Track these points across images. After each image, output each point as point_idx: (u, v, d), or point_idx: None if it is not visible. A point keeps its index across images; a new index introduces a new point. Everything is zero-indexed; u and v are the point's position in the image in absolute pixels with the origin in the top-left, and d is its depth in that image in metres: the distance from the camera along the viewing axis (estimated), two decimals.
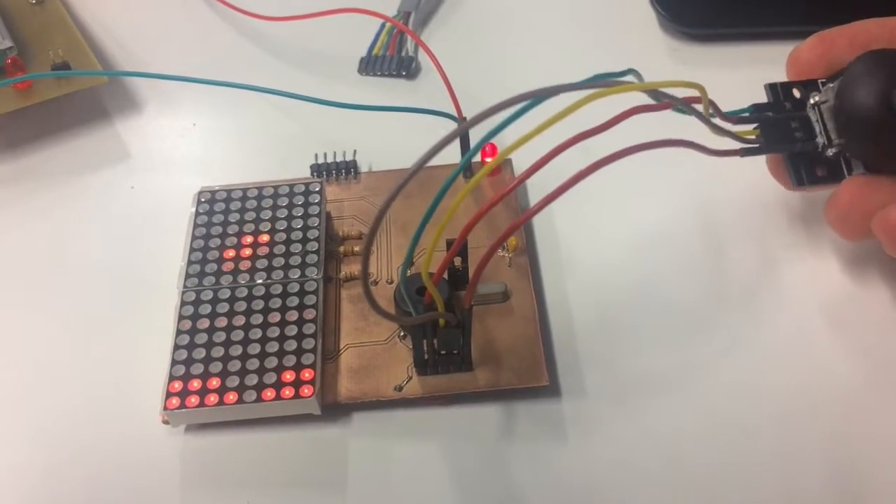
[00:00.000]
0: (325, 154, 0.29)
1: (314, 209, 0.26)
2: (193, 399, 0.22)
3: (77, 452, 0.23)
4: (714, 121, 0.22)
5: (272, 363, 0.22)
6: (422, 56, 0.33)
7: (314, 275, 0.24)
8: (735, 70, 0.30)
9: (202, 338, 0.23)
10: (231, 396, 0.22)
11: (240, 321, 0.23)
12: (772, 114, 0.24)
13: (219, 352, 0.23)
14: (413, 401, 0.23)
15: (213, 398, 0.22)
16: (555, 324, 0.25)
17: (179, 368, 0.22)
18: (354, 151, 0.29)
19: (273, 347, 0.23)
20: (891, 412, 0.22)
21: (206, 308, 0.24)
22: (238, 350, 0.23)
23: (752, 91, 0.24)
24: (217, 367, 0.22)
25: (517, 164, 0.28)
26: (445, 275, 0.21)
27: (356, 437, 0.23)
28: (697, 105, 0.21)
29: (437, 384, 0.23)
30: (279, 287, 0.24)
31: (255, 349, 0.23)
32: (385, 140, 0.29)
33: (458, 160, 0.27)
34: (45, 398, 0.24)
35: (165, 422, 0.23)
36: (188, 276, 0.24)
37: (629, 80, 0.19)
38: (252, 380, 0.22)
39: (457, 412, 0.23)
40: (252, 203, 0.26)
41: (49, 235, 0.28)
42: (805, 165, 0.24)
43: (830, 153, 0.23)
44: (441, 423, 0.23)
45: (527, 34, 0.34)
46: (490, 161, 0.26)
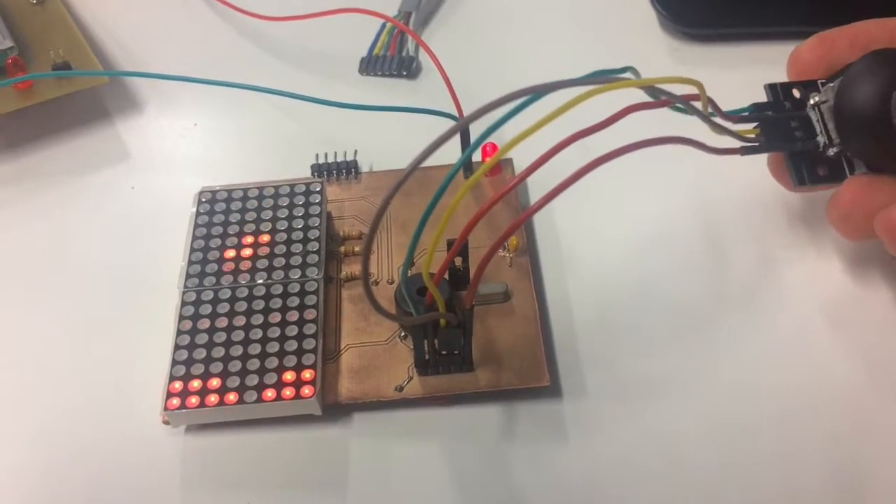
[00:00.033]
0: (326, 154, 0.29)
1: (315, 209, 0.26)
2: (194, 399, 0.22)
3: (77, 452, 0.23)
4: (714, 119, 0.22)
5: (273, 363, 0.22)
6: (422, 56, 0.33)
7: (315, 275, 0.24)
8: (735, 70, 0.30)
9: (203, 338, 0.23)
10: (231, 397, 0.22)
11: (240, 321, 0.23)
12: (772, 113, 0.24)
13: (219, 352, 0.23)
14: (414, 401, 0.23)
15: (214, 398, 0.22)
16: (555, 324, 0.25)
17: (180, 369, 0.22)
18: (355, 151, 0.29)
19: (274, 348, 0.23)
20: (891, 412, 0.22)
21: (207, 308, 0.24)
22: (239, 350, 0.23)
23: (753, 91, 0.24)
24: (217, 368, 0.22)
25: (517, 164, 0.28)
26: (446, 275, 0.21)
27: (357, 438, 0.23)
28: (696, 103, 0.21)
29: (438, 384, 0.23)
30: (280, 287, 0.24)
31: (256, 349, 0.23)
32: (386, 140, 0.29)
33: (457, 159, 0.27)
34: (46, 398, 0.24)
35: (166, 422, 0.23)
36: (189, 276, 0.24)
37: (627, 77, 0.19)
38: (253, 380, 0.22)
39: (457, 412, 0.23)
40: (253, 203, 0.26)
41: (49, 235, 0.28)
42: (806, 165, 0.24)
43: (831, 153, 0.23)
44: (442, 424, 0.23)
45: (527, 34, 0.34)
46: (489, 159, 0.26)
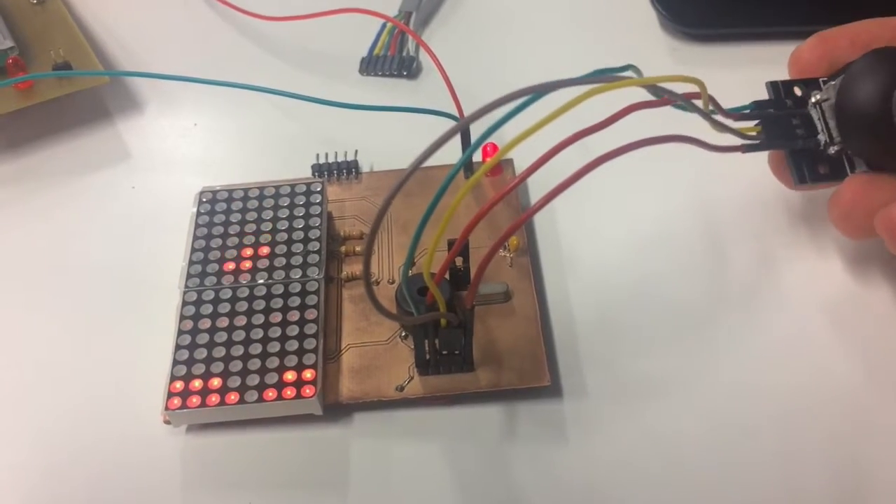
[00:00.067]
0: (327, 154, 0.29)
1: (315, 209, 0.26)
2: (195, 399, 0.22)
3: (77, 452, 0.23)
4: (715, 117, 0.22)
5: (274, 363, 0.22)
6: (423, 56, 0.33)
7: (315, 275, 0.24)
8: (735, 70, 0.30)
9: (203, 338, 0.23)
10: (232, 396, 0.22)
11: (241, 321, 0.23)
12: (773, 110, 0.24)
13: (220, 352, 0.23)
14: (414, 401, 0.23)
15: (215, 398, 0.22)
16: (556, 324, 0.25)
17: (181, 368, 0.22)
18: (356, 151, 0.29)
19: (274, 347, 0.23)
20: (892, 412, 0.22)
21: (208, 308, 0.24)
22: (239, 350, 0.23)
23: (752, 91, 0.24)
24: (218, 367, 0.22)
25: (518, 165, 0.28)
26: (447, 275, 0.21)
27: (357, 438, 0.23)
28: (697, 101, 0.21)
29: (439, 384, 0.23)
30: (281, 287, 0.24)
31: (257, 349, 0.23)
32: (386, 140, 0.29)
33: (458, 159, 0.27)
34: (46, 398, 0.24)
35: (167, 422, 0.23)
36: (189, 276, 0.24)
37: (629, 76, 0.19)
38: (253, 380, 0.22)
39: (458, 412, 0.23)
40: (253, 203, 0.26)
41: (50, 235, 0.28)
42: (807, 163, 0.24)
43: (832, 151, 0.23)
44: (442, 424, 0.23)
45: (527, 34, 0.34)
46: (490, 159, 0.26)
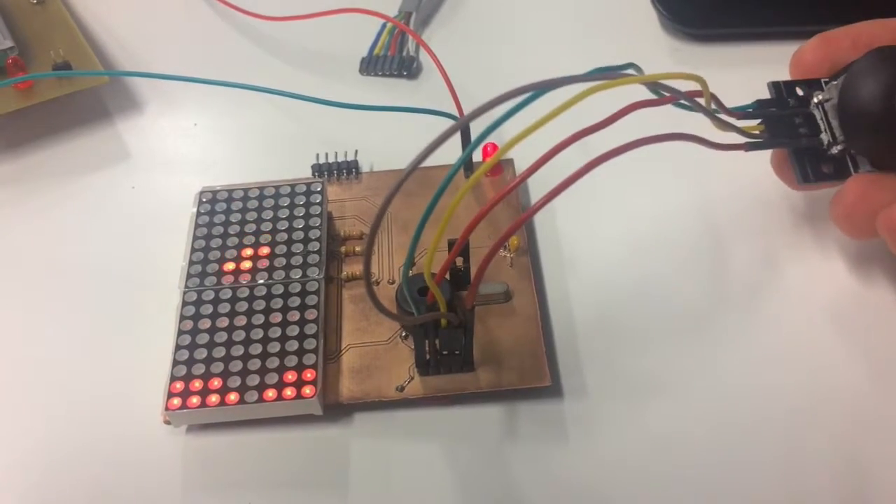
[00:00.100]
0: (327, 154, 0.29)
1: (315, 209, 0.26)
2: (195, 399, 0.22)
3: (78, 452, 0.23)
4: (718, 115, 0.22)
5: (274, 363, 0.22)
6: (423, 56, 0.33)
7: (316, 275, 0.24)
8: (736, 70, 0.30)
9: (204, 338, 0.23)
10: (233, 397, 0.22)
11: (241, 321, 0.23)
12: (775, 109, 0.24)
13: (220, 352, 0.23)
14: (415, 401, 0.23)
15: (215, 398, 0.22)
16: (556, 324, 0.25)
17: (181, 369, 0.22)
18: (356, 151, 0.29)
19: (275, 348, 0.23)
20: (894, 411, 0.22)
21: (208, 308, 0.24)
22: (240, 350, 0.23)
23: (753, 91, 0.24)
24: (219, 368, 0.22)
25: (518, 164, 0.28)
26: (447, 275, 0.21)
27: (358, 438, 0.23)
28: (700, 99, 0.21)
29: (439, 384, 0.23)
30: (281, 287, 0.24)
31: (257, 349, 0.23)
32: (386, 140, 0.29)
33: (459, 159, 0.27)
34: (46, 398, 0.24)
35: (167, 422, 0.23)
36: (189, 276, 0.24)
37: (630, 74, 0.19)
38: (254, 380, 0.22)
39: (458, 413, 0.23)
40: (253, 203, 0.26)
41: (50, 235, 0.28)
42: (811, 162, 0.24)
43: (835, 151, 0.23)
44: (443, 424, 0.23)
45: (528, 34, 0.34)
46: (490, 158, 0.26)
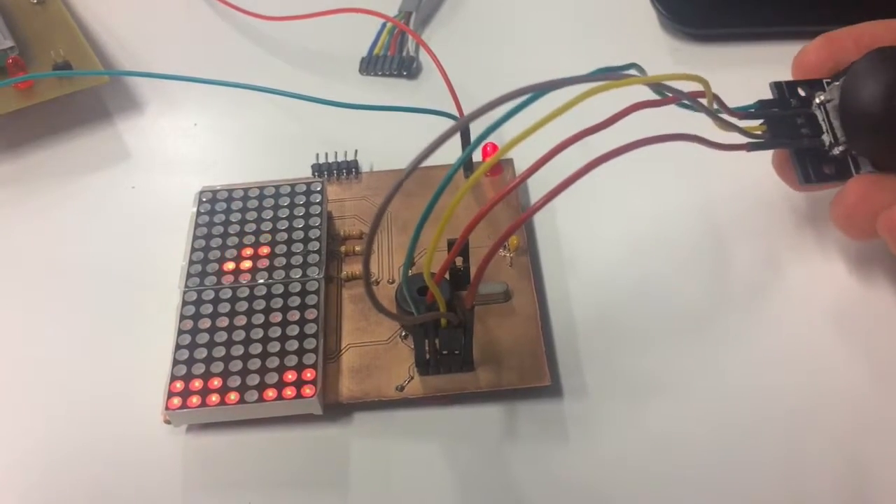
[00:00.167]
0: (327, 154, 0.29)
1: (315, 209, 0.26)
2: (195, 399, 0.22)
3: (78, 452, 0.23)
4: (720, 116, 0.22)
5: (274, 363, 0.22)
6: (423, 56, 0.33)
7: (315, 274, 0.24)
8: (736, 70, 0.30)
9: (204, 337, 0.23)
10: (233, 396, 0.22)
11: (241, 321, 0.23)
12: (777, 110, 0.24)
13: (220, 351, 0.23)
14: (414, 401, 0.23)
15: (215, 398, 0.22)
16: (556, 323, 0.25)
17: (181, 368, 0.22)
18: (356, 151, 0.29)
19: (275, 347, 0.23)
20: (895, 412, 0.22)
21: (208, 308, 0.24)
22: (240, 350, 0.23)
23: (753, 91, 0.24)
24: (219, 367, 0.22)
25: (518, 163, 0.28)
26: (447, 275, 0.21)
27: (357, 437, 0.23)
28: (702, 99, 0.21)
29: (439, 384, 0.23)
30: (281, 287, 0.24)
31: (257, 349, 0.23)
32: (386, 140, 0.29)
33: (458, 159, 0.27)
34: (46, 398, 0.24)
35: (167, 421, 0.23)
36: (189, 276, 0.24)
37: (632, 74, 0.19)
38: (254, 380, 0.22)
39: (458, 412, 0.23)
40: (253, 203, 0.26)
41: (50, 235, 0.28)
42: (812, 163, 0.24)
43: (837, 151, 0.23)
44: (442, 424, 0.23)
45: (528, 34, 0.34)
46: (489, 158, 0.26)
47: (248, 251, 0.25)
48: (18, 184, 0.29)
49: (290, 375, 0.22)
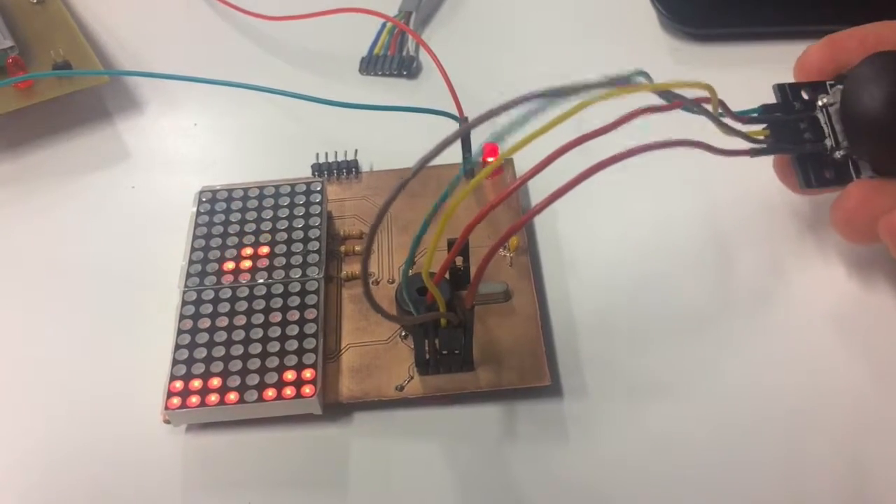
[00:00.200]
0: (327, 153, 0.29)
1: (315, 209, 0.26)
2: (195, 399, 0.22)
3: (77, 452, 0.23)
4: (724, 120, 0.22)
5: (273, 363, 0.22)
6: (423, 56, 0.33)
7: (315, 274, 0.24)
8: (736, 70, 0.30)
9: (203, 337, 0.23)
10: (232, 396, 0.22)
11: (241, 321, 0.23)
12: (781, 114, 0.24)
13: (220, 351, 0.23)
14: (414, 401, 0.23)
15: (215, 398, 0.22)
16: (556, 323, 0.25)
17: (181, 368, 0.22)
18: (356, 151, 0.29)
19: (274, 347, 0.23)
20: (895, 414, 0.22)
21: (208, 308, 0.24)
22: (239, 350, 0.23)
23: (754, 91, 0.24)
24: (218, 367, 0.22)
25: (519, 165, 0.28)
26: (447, 275, 0.21)
27: (357, 437, 0.23)
28: (707, 105, 0.21)
29: (439, 384, 0.23)
30: (280, 286, 0.24)
31: (257, 349, 0.23)
32: (386, 139, 0.29)
33: (458, 158, 0.27)
34: (45, 398, 0.24)
35: (167, 421, 0.23)
36: (189, 276, 0.24)
37: (640, 81, 0.19)
38: (253, 379, 0.22)
39: (458, 412, 0.23)
40: (253, 203, 0.26)
41: (50, 235, 0.28)
42: (813, 167, 0.24)
43: (838, 155, 0.23)
44: (442, 424, 0.23)
45: (528, 34, 0.34)
46: (492, 161, 0.26)
47: (248, 251, 0.25)
48: (18, 184, 0.29)
49: (290, 375, 0.22)
